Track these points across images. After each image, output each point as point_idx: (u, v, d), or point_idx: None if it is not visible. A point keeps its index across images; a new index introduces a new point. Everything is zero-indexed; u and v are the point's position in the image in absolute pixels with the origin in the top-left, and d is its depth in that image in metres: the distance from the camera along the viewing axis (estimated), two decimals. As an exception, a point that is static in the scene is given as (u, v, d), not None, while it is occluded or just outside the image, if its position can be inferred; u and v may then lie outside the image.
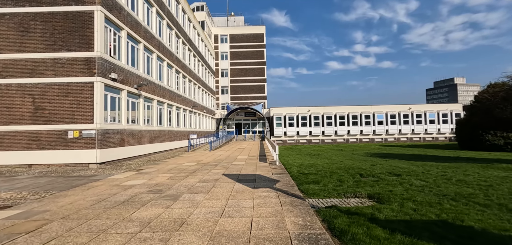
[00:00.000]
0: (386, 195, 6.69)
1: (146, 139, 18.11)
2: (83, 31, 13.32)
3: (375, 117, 44.16)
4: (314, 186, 8.38)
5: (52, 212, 5.68)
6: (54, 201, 6.67)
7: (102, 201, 6.57)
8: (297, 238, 4.19)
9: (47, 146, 12.99)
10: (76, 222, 5.03)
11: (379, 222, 4.77)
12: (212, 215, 5.34)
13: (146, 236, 4.31)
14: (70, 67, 13.21)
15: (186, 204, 6.19)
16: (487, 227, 4.53)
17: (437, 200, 6.37)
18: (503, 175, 10.02)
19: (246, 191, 7.38)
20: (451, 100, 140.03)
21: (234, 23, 58.59)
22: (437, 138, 44.75)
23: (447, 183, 8.62)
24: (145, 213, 5.52)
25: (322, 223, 4.87)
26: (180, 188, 7.96)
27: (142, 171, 11.54)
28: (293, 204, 6.12)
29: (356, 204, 6.35)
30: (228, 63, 54.71)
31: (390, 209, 5.53)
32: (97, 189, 7.96)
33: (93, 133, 12.92)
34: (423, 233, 4.17)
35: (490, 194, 6.95)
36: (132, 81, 16.46)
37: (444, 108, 45.38)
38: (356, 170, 11.63)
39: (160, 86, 20.95)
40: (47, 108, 13.09)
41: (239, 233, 4.43)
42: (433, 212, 5.35)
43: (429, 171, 11.09)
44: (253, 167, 12.21)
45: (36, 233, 4.49)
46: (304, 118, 44.09)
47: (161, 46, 21.43)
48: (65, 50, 13.26)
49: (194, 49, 32.18)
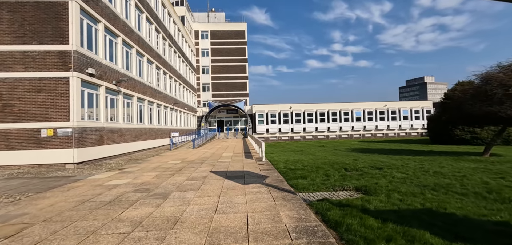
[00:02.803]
0: (372, 188, 6.96)
1: (126, 138, 17.40)
2: (57, 23, 12.47)
3: (354, 114, 45.71)
4: (302, 181, 8.50)
5: (32, 215, 5.30)
6: (31, 203, 6.22)
7: (86, 202, 6.24)
8: (294, 231, 4.24)
9: (17, 146, 12.06)
10: (60, 225, 4.73)
11: (370, 212, 4.95)
12: (206, 212, 5.25)
13: (140, 236, 4.16)
14: (43, 61, 12.33)
15: (177, 202, 6.04)
16: (467, 214, 4.86)
17: (419, 190, 6.74)
18: (474, 166, 10.80)
19: (236, 188, 7.34)
20: (421, 98, 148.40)
21: (215, 19, 57.77)
22: (410, 133, 47.24)
23: (426, 174, 9.14)
24: (135, 213, 5.31)
25: (316, 216, 4.97)
26: (168, 186, 7.75)
27: (124, 170, 11.09)
28: (285, 198, 6.19)
29: (345, 196, 6.54)
30: (209, 59, 53.90)
31: (379, 200, 5.77)
32: (78, 190, 7.53)
33: (69, 132, 12.19)
34: (412, 221, 4.40)
35: (465, 183, 7.46)
36: (111, 77, 15.71)
37: (416, 105, 47.99)
38: (340, 165, 11.97)
39: (140, 83, 20.20)
40: (16, 105, 12.14)
41: (236, 228, 4.40)
42: (418, 201, 5.65)
43: (408, 164, 11.68)
44: (240, 164, 12.17)
45: (17, 238, 4.17)
46: (286, 115, 44.62)
47: (141, 41, 20.64)
48: (36, 43, 12.35)
49: (174, 45, 31.34)
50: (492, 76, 13.03)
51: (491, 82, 12.85)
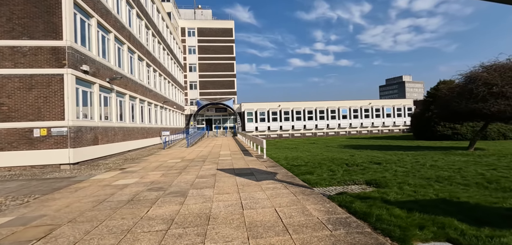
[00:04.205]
0: (382, 181, 7.30)
1: (119, 137, 16.90)
2: (49, 17, 11.89)
3: (340, 112, 46.97)
4: (310, 176, 8.74)
5: (52, 217, 5.12)
6: (44, 205, 5.98)
7: (103, 202, 6.09)
8: (328, 222, 4.42)
9: (7, 147, 11.39)
10: (89, 225, 4.62)
11: (392, 203, 5.24)
12: (233, 208, 5.31)
13: (179, 232, 4.16)
14: (34, 57, 11.72)
15: (198, 199, 6.04)
16: (478, 202, 5.27)
17: (426, 183, 7.17)
18: (464, 160, 11.55)
19: (251, 184, 7.43)
20: (400, 96, 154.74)
21: (201, 16, 57.00)
22: (393, 130, 49.27)
23: (423, 168, 9.68)
24: (161, 211, 5.28)
25: (342, 208, 5.18)
26: (181, 184, 7.69)
27: (126, 170, 10.82)
28: (304, 193, 6.36)
29: (359, 190, 6.83)
30: (196, 57, 53.16)
31: (394, 192, 6.09)
32: (86, 190, 7.31)
33: (64, 131, 11.69)
34: (434, 210, 4.71)
35: (464, 175, 8.01)
36: (104, 74, 15.19)
37: (399, 103, 50.09)
38: (340, 160, 12.36)
39: (132, 80, 19.65)
40: (5, 104, 11.46)
41: (272, 222, 4.51)
42: (430, 192, 6.03)
43: (403, 159, 12.28)
44: (242, 162, 12.24)
45: (50, 239, 4.04)
46: (274, 113, 45.03)
47: (132, 37, 20.06)
48: (27, 38, 11.71)
49: (163, 42, 30.67)
50: (477, 75, 13.95)
51: (476, 81, 13.76)
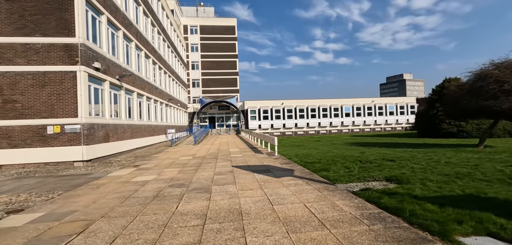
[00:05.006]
0: (403, 177, 7.33)
1: (128, 134, 16.91)
2: (61, 14, 11.86)
3: (343, 110, 46.98)
4: (327, 173, 8.74)
5: (83, 212, 5.13)
6: (70, 201, 6.00)
7: (129, 198, 6.10)
8: (363, 217, 4.44)
9: (21, 144, 11.40)
10: (123, 220, 4.64)
11: (421, 199, 5.26)
12: (262, 204, 5.33)
13: (216, 228, 4.18)
14: (47, 54, 11.70)
15: (224, 195, 6.06)
16: (507, 197, 5.29)
17: (447, 179, 7.19)
18: (477, 156, 11.59)
19: (271, 181, 7.44)
20: (400, 94, 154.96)
21: (204, 14, 56.87)
22: (396, 128, 49.32)
23: (439, 165, 9.70)
24: (191, 207, 5.29)
25: (371, 204, 5.20)
26: (201, 181, 7.71)
27: (140, 167, 10.84)
28: (328, 189, 6.39)
29: (381, 186, 6.85)
30: (198, 55, 53.10)
31: (419, 188, 6.11)
32: (107, 187, 7.33)
33: (77, 128, 11.69)
34: (467, 205, 4.73)
35: (483, 172, 8.04)
36: (114, 72, 15.17)
37: (401, 101, 50.09)
38: (352, 158, 12.37)
39: (139, 78, 19.63)
40: (19, 101, 11.45)
41: (306, 217, 4.53)
42: (456, 188, 6.05)
43: (415, 156, 12.30)
44: (255, 159, 12.26)
45: (90, 233, 4.06)
46: (278, 111, 45.04)
47: (139, 34, 20.02)
48: (39, 35, 11.68)
49: (168, 40, 30.62)
50: (487, 73, 13.96)
51: (487, 79, 13.77)
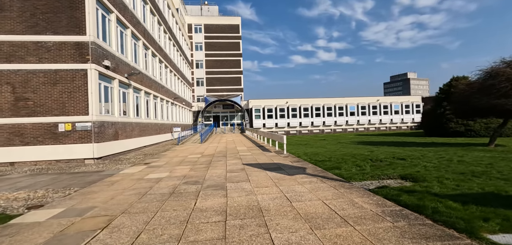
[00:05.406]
0: (418, 176, 7.26)
1: (136, 132, 17.00)
2: (72, 12, 11.94)
3: (348, 109, 46.77)
4: (339, 171, 8.69)
5: (103, 208, 5.17)
6: (87, 197, 6.04)
7: (146, 194, 6.13)
8: (385, 214, 4.41)
9: (33, 141, 11.51)
10: (145, 216, 4.66)
11: (441, 196, 5.21)
12: (280, 201, 5.32)
13: (239, 223, 4.18)
14: (58, 52, 11.78)
15: (241, 193, 6.06)
16: (528, 196, 5.23)
17: (463, 177, 7.12)
18: (489, 155, 11.47)
19: (285, 179, 7.43)
20: (404, 93, 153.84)
21: (208, 12, 56.91)
22: (401, 127, 49.00)
23: (452, 163, 9.60)
24: (209, 203, 5.30)
25: (390, 201, 5.17)
26: (214, 178, 7.72)
27: (150, 164, 10.89)
28: (344, 186, 6.36)
29: (396, 184, 6.80)
30: (203, 54, 53.19)
31: (437, 186, 6.06)
32: (122, 184, 7.37)
33: (88, 126, 11.77)
34: (490, 203, 4.68)
35: (499, 170, 7.95)
36: (123, 70, 15.25)
37: (407, 100, 49.75)
38: (361, 156, 12.31)
39: (146, 76, 19.71)
40: (31, 99, 11.56)
41: (327, 214, 4.52)
42: (475, 187, 5.99)
43: (426, 155, 12.20)
44: (264, 157, 12.25)
45: (114, 229, 4.08)
46: (282, 110, 44.97)
47: (146, 33, 20.09)
48: (51, 33, 11.77)
49: (173, 38, 30.69)
50: (499, 71, 13.80)
51: (498, 77, 13.61)
